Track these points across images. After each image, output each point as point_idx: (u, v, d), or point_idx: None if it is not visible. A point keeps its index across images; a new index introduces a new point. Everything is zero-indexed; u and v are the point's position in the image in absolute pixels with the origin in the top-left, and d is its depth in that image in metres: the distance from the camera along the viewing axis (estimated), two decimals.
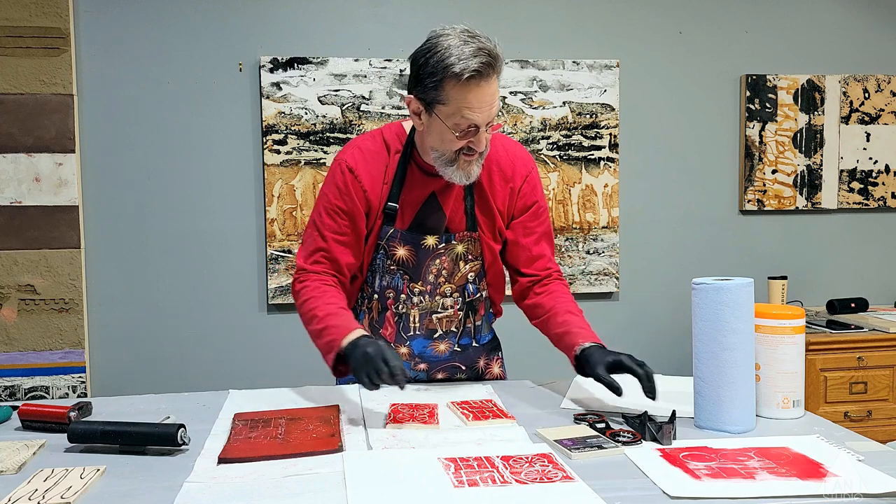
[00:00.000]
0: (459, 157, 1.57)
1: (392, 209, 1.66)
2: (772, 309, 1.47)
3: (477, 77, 1.48)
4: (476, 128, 1.53)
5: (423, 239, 1.67)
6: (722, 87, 3.33)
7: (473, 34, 1.52)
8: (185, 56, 2.98)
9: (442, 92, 1.51)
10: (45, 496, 1.10)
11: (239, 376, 3.00)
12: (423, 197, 1.68)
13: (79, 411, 1.48)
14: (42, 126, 2.84)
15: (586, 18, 3.22)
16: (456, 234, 1.70)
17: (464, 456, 1.26)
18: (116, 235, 2.96)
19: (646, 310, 3.31)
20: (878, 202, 3.43)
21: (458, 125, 1.53)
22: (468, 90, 1.49)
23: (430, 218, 1.69)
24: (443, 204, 1.68)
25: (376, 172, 1.66)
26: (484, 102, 1.51)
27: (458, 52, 1.48)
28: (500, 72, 1.53)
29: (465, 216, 1.70)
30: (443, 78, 1.50)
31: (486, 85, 1.50)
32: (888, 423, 2.97)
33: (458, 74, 1.48)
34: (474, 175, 1.61)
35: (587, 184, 3.21)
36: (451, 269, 1.71)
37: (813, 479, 1.15)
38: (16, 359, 2.86)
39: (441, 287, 1.72)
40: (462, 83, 1.49)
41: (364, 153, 1.68)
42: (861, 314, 3.22)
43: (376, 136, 1.71)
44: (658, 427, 1.35)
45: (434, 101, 1.54)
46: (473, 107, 1.51)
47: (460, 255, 1.71)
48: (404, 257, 1.69)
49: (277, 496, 1.12)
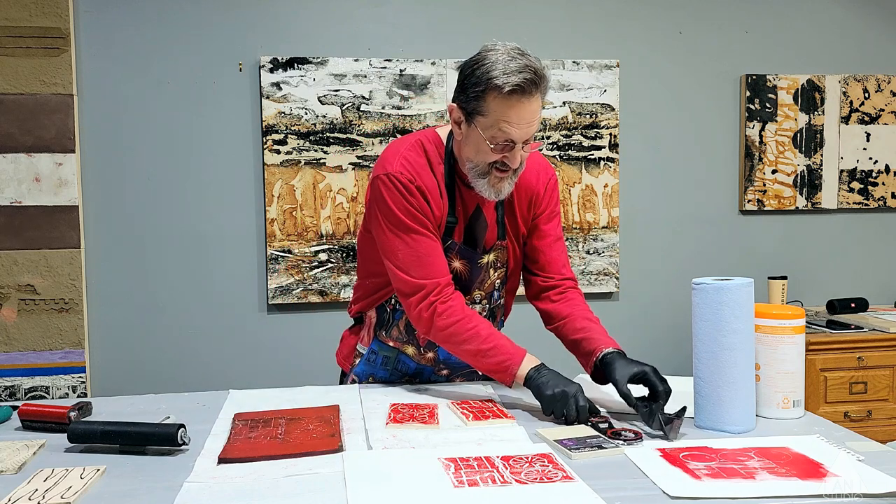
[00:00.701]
0: (492, 171, 1.58)
1: (452, 222, 1.66)
2: (772, 309, 1.47)
3: (518, 92, 1.49)
4: (512, 143, 1.54)
5: (480, 258, 1.70)
6: (722, 87, 3.33)
7: (523, 52, 1.53)
8: (185, 56, 2.98)
9: (483, 103, 1.52)
10: (45, 496, 1.10)
11: (239, 376, 3.00)
12: (470, 209, 1.69)
13: (79, 411, 1.47)
14: (42, 126, 2.84)
15: (586, 18, 3.22)
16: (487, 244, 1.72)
17: (464, 456, 1.26)
18: (116, 235, 2.96)
19: (646, 310, 3.31)
20: (878, 202, 3.43)
21: (495, 138, 1.53)
22: (509, 104, 1.50)
23: (478, 230, 1.70)
24: (486, 216, 1.70)
25: (432, 186, 1.64)
26: (523, 119, 1.52)
27: (504, 66, 1.49)
28: (544, 92, 1.54)
29: (496, 225, 1.72)
30: (485, 89, 1.51)
31: (528, 102, 1.51)
32: (888, 423, 2.97)
33: (499, 87, 1.49)
34: (505, 192, 1.61)
35: (587, 184, 3.21)
36: (482, 277, 1.72)
37: (813, 479, 1.15)
38: (16, 359, 2.86)
39: (472, 293, 1.73)
40: (503, 96, 1.50)
41: (416, 166, 1.63)
42: (861, 314, 3.22)
43: (417, 147, 1.66)
44: (668, 419, 1.35)
45: (475, 112, 1.54)
46: (512, 121, 1.51)
47: (490, 262, 1.72)
48: (459, 269, 1.69)
49: (277, 496, 1.12)
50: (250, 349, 3.05)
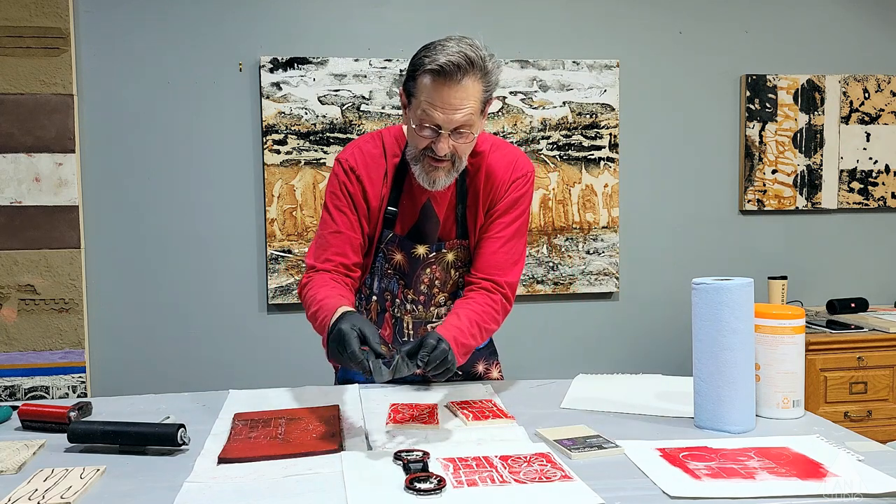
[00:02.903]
0: (425, 158, 1.56)
1: (392, 213, 1.66)
2: (772, 309, 1.47)
3: (442, 74, 1.47)
4: (438, 129, 1.52)
5: (413, 248, 1.68)
6: (722, 87, 3.33)
7: (472, 43, 1.50)
8: (185, 56, 2.98)
9: (415, 84, 1.52)
10: (45, 496, 1.10)
11: (239, 376, 3.00)
12: (419, 203, 1.67)
13: (79, 411, 1.48)
14: (42, 126, 2.85)
15: (586, 18, 3.22)
16: (446, 243, 1.70)
17: (463, 456, 1.26)
18: (116, 235, 2.96)
19: (646, 310, 3.31)
20: (878, 202, 3.43)
21: (422, 121, 1.52)
22: (433, 85, 1.49)
23: (425, 225, 1.68)
24: (437, 211, 1.68)
25: (376, 176, 1.66)
26: (447, 103, 1.48)
27: (441, 49, 1.49)
28: (481, 82, 1.50)
29: (454, 224, 1.69)
30: (417, 70, 1.51)
31: (453, 85, 1.48)
32: (888, 423, 2.97)
33: (426, 66, 1.49)
34: (439, 184, 1.58)
35: (587, 184, 3.21)
36: (443, 279, 1.71)
37: (813, 479, 1.15)
38: (16, 359, 2.86)
39: (436, 297, 1.73)
40: (429, 76, 1.48)
41: (365, 155, 1.67)
42: (861, 314, 3.22)
43: (376, 138, 1.70)
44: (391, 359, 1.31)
45: (410, 94, 1.55)
46: (435, 103, 1.49)
47: (451, 263, 1.71)
48: (400, 262, 1.70)
49: (277, 496, 1.12)
50: (250, 349, 3.05)
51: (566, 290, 3.21)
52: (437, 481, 1.13)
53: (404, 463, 1.20)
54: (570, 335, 3.25)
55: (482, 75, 1.50)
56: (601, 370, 3.15)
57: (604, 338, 3.29)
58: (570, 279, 3.21)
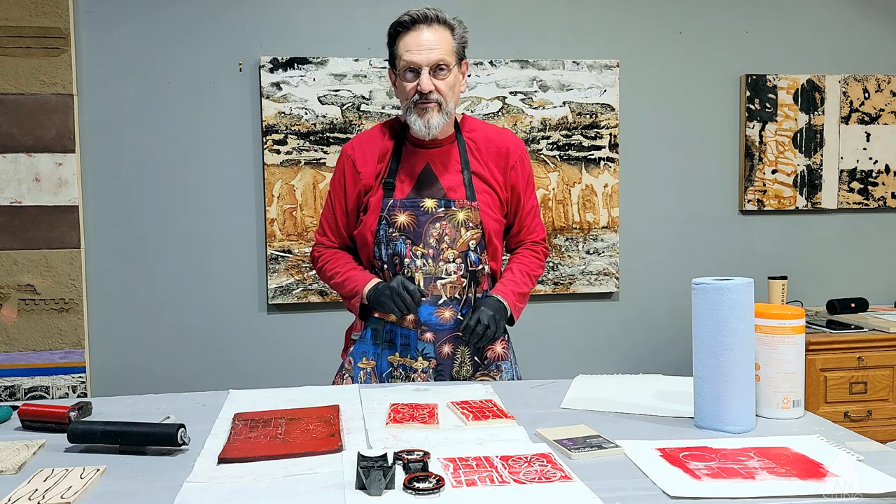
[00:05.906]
0: (416, 105, 1.79)
1: (390, 181, 1.85)
2: (772, 309, 1.47)
3: (409, 23, 1.78)
4: (417, 68, 1.77)
5: (421, 202, 1.84)
6: (722, 87, 3.33)
7: (436, 7, 1.80)
8: (185, 56, 2.98)
9: (394, 47, 1.82)
10: (45, 496, 1.10)
11: (239, 376, 3.00)
12: (418, 168, 1.87)
13: (79, 411, 1.48)
14: (42, 126, 2.84)
15: (586, 18, 3.22)
16: (456, 202, 1.84)
17: (463, 456, 1.26)
18: (116, 235, 2.96)
19: (646, 310, 3.31)
20: (878, 202, 3.43)
21: (404, 69, 1.80)
22: (406, 36, 1.79)
23: (426, 187, 1.86)
24: (438, 174, 1.86)
25: (370, 155, 1.88)
26: (420, 45, 1.77)
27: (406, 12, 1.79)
28: (443, 29, 1.79)
29: (463, 186, 1.86)
30: (390, 33, 1.83)
31: (421, 30, 1.77)
32: (888, 423, 2.97)
33: (396, 24, 1.80)
34: (434, 126, 1.80)
35: (587, 184, 3.21)
36: (452, 235, 1.84)
37: (813, 479, 1.15)
38: (16, 359, 2.87)
39: (444, 252, 1.83)
40: (401, 30, 1.80)
41: (362, 140, 1.93)
42: (861, 314, 3.22)
43: (377, 126, 1.95)
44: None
45: (392, 60, 1.84)
46: (411, 48, 1.77)
47: (461, 221, 1.84)
48: (405, 223, 1.83)
49: (277, 496, 1.12)
50: (250, 349, 3.05)
51: (566, 290, 3.21)
52: (435, 481, 1.13)
53: (404, 463, 1.20)
54: (569, 335, 3.24)
55: (448, 28, 1.80)
56: (601, 370, 3.16)
57: (604, 338, 3.29)
58: (570, 279, 3.21)
